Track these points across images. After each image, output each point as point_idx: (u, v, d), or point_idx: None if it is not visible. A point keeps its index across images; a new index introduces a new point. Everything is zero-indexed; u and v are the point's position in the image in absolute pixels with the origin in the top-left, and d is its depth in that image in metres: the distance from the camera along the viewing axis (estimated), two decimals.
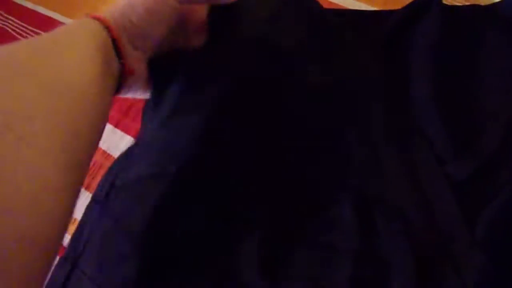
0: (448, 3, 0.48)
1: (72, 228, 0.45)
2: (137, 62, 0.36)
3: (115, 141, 0.48)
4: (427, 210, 0.38)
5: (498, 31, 0.46)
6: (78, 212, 0.45)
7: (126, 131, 0.48)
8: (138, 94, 0.38)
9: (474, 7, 0.47)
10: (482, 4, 0.47)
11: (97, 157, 0.48)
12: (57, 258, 0.42)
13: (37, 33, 0.62)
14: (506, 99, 0.43)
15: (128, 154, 0.42)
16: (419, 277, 0.35)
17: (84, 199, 0.46)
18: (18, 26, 0.64)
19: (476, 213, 0.38)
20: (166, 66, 0.42)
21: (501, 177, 0.39)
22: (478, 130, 0.41)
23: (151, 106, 0.43)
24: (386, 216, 0.38)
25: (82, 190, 0.46)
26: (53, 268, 0.41)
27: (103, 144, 0.49)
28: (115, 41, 0.33)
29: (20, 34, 0.63)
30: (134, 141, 0.44)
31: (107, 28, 0.32)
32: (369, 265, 0.37)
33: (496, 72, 0.44)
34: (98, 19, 0.32)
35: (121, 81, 0.34)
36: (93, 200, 0.42)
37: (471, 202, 0.38)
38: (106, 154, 0.48)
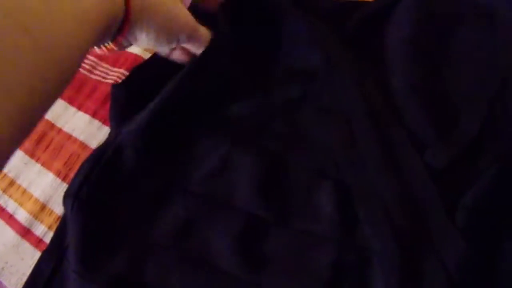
0: None
1: (51, 222, 0.44)
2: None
3: (93, 132, 0.47)
4: (408, 198, 0.39)
5: (473, 19, 0.46)
6: (58, 206, 0.44)
7: (104, 121, 0.47)
8: (142, 44, 0.37)
9: None
10: None
11: (74, 148, 0.47)
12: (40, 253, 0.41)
13: None
14: (482, 86, 0.43)
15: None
16: (402, 264, 0.35)
17: (61, 190, 0.45)
18: None
19: (457, 200, 0.38)
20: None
21: (480, 164, 0.40)
22: (456, 118, 0.41)
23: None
24: (367, 204, 0.38)
25: (59, 181, 0.45)
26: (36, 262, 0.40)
27: (80, 135, 0.48)
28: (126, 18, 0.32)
29: None
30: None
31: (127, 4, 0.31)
32: (351, 252, 0.37)
33: (472, 60, 0.45)
34: None
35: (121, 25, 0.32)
36: (66, 195, 0.41)
37: (451, 189, 0.39)
38: (83, 145, 0.47)
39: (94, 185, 0.41)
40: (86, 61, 0.52)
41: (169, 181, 0.42)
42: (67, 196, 0.42)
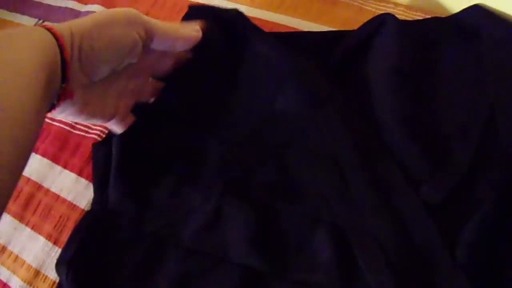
0: (409, 18, 0.47)
1: None
2: (79, 87, 0.34)
3: (80, 191, 0.46)
4: (406, 237, 0.38)
5: (459, 42, 0.45)
6: (51, 271, 0.43)
7: (91, 179, 0.46)
8: (69, 118, 0.36)
9: (435, 20, 0.47)
10: (443, 16, 0.46)
11: (63, 209, 0.46)
12: None
13: None
14: (472, 113, 0.42)
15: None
16: None
17: (54, 254, 0.44)
18: None
19: (456, 235, 0.37)
20: None
21: (477, 195, 0.39)
22: (448, 149, 0.40)
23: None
24: (365, 249, 0.37)
25: (51, 245, 0.44)
26: None
27: (68, 195, 0.47)
28: (64, 61, 0.31)
29: None
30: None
31: (61, 47, 0.30)
32: None
33: (459, 86, 0.44)
34: (54, 34, 0.30)
35: (56, 102, 0.32)
36: (59, 263, 0.40)
37: (449, 224, 0.38)
38: (72, 205, 0.46)
39: (88, 254, 0.41)
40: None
41: (163, 239, 0.42)
42: (60, 264, 0.41)
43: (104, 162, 0.43)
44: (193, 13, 0.47)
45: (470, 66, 0.44)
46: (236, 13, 0.46)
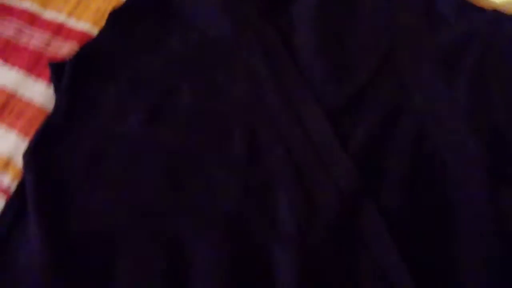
0: None
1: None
2: None
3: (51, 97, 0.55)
4: (307, 135, 0.47)
5: None
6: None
7: None
8: None
9: None
10: None
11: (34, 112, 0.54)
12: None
13: None
14: (375, 45, 0.52)
15: None
16: (298, 182, 0.44)
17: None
18: None
19: (350, 133, 0.47)
20: None
21: (368, 108, 0.49)
22: (351, 68, 0.50)
23: None
24: (272, 144, 0.47)
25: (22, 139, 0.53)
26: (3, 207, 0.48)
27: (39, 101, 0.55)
28: None
29: None
30: None
31: None
32: (257, 178, 0.45)
33: (370, 22, 0.54)
34: None
35: None
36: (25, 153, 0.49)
37: (344, 127, 0.48)
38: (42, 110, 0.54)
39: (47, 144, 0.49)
40: (40, 36, 0.60)
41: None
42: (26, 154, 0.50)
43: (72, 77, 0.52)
44: None
45: (382, 7, 0.54)
46: None
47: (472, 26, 0.52)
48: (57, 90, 0.54)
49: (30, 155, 0.49)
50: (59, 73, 0.54)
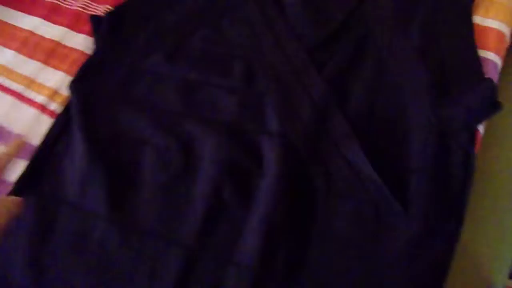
0: None
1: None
2: None
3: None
4: (290, 64, 0.61)
5: None
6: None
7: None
8: None
9: None
10: None
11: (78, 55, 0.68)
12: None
13: None
14: None
15: None
16: (283, 99, 0.57)
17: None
18: None
19: (324, 64, 0.60)
20: None
21: (340, 45, 0.62)
22: (328, 14, 0.64)
23: None
24: (261, 71, 0.60)
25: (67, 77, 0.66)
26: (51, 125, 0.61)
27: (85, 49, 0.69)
28: None
29: None
30: None
31: None
32: (251, 96, 0.58)
33: None
34: None
35: None
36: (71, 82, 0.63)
37: (320, 60, 0.61)
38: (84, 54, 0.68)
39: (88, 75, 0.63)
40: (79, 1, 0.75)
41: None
42: (72, 82, 0.63)
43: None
44: None
45: None
46: None
47: None
48: (96, 37, 0.68)
49: (75, 83, 0.63)
50: (97, 24, 0.68)
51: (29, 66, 0.70)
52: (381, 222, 0.49)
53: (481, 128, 0.55)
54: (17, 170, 0.58)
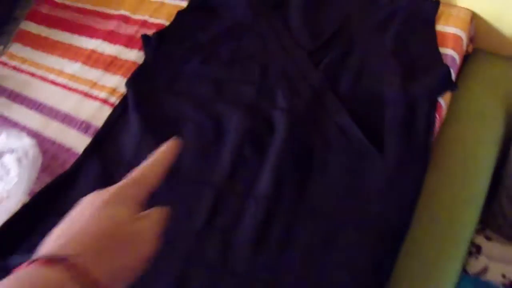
0: None
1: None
2: None
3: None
4: (293, 62, 0.79)
5: None
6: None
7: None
8: None
9: None
10: None
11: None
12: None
13: None
14: (340, 13, 0.85)
15: None
16: (288, 85, 0.75)
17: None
18: None
19: (318, 63, 0.79)
20: None
21: (332, 51, 0.81)
22: (323, 28, 0.83)
23: None
24: (273, 68, 0.79)
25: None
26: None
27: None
28: None
29: None
30: None
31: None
32: (265, 85, 0.77)
33: (335, 1, 0.88)
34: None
35: None
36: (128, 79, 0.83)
37: (316, 61, 0.79)
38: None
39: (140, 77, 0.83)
40: (131, 27, 0.96)
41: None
42: (128, 81, 0.83)
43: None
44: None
45: None
46: None
47: (399, 5, 0.84)
48: (146, 50, 0.88)
49: (130, 81, 0.82)
50: (147, 41, 0.89)
51: (92, 74, 0.91)
52: (364, 165, 0.65)
53: (441, 101, 0.72)
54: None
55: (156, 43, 0.88)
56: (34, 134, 0.82)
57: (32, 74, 0.95)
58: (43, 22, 1.09)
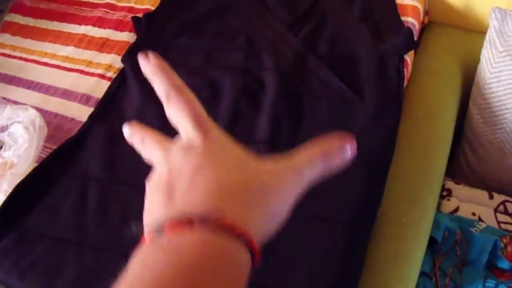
0: None
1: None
2: None
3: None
4: (274, 33, 0.89)
5: None
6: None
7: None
8: None
9: None
10: None
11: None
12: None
13: None
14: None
15: None
16: (273, 51, 0.84)
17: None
18: None
19: (296, 34, 0.89)
20: None
21: (309, 21, 0.91)
22: (299, 4, 0.93)
23: None
24: (256, 39, 0.88)
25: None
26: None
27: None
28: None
29: None
30: None
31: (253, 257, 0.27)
32: (251, 51, 0.86)
33: None
34: (253, 249, 0.27)
35: None
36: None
37: (296, 32, 0.89)
38: None
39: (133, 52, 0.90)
40: (119, 13, 1.03)
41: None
42: (123, 56, 0.89)
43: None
44: None
45: None
46: None
47: None
48: (137, 30, 0.95)
49: (126, 56, 0.89)
50: (137, 22, 0.96)
51: (86, 54, 0.96)
52: (348, 110, 0.74)
53: (407, 58, 0.83)
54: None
55: (146, 24, 0.95)
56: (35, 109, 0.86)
57: (25, 59, 0.99)
58: (29, 14, 1.13)
